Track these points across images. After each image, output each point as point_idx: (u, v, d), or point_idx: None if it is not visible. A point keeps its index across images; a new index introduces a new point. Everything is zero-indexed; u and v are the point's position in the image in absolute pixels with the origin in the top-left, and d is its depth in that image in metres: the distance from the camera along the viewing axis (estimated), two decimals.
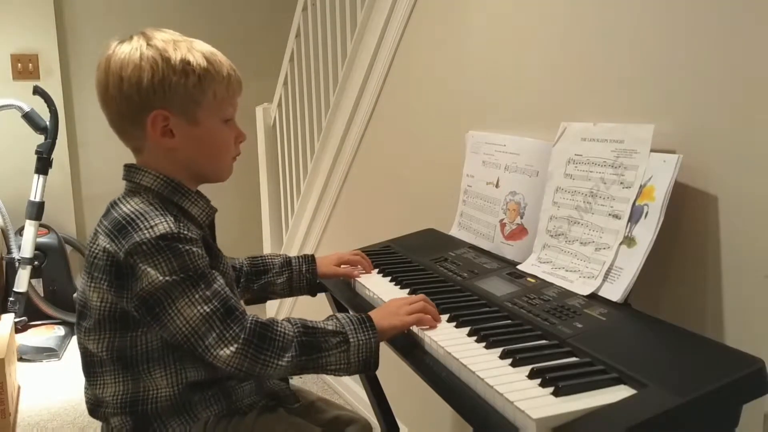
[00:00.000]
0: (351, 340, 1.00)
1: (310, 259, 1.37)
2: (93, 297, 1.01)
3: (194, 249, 0.98)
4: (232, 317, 0.96)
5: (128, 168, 1.07)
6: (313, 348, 0.99)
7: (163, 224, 0.97)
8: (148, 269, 0.95)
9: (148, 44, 1.02)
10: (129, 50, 1.01)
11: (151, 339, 1.01)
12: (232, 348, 0.95)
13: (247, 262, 1.35)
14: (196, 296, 0.95)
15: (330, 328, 1.01)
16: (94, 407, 1.07)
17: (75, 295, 1.06)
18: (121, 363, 1.02)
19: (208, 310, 0.95)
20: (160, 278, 0.94)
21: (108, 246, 0.98)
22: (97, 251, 1.00)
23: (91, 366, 1.05)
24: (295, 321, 1.02)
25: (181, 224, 0.99)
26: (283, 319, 1.03)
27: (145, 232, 0.96)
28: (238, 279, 1.32)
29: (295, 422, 1.14)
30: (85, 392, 1.08)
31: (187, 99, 1.02)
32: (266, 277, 1.34)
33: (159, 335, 1.00)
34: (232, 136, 1.10)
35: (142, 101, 1.01)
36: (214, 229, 1.14)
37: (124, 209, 1.00)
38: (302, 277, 1.35)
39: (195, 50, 1.03)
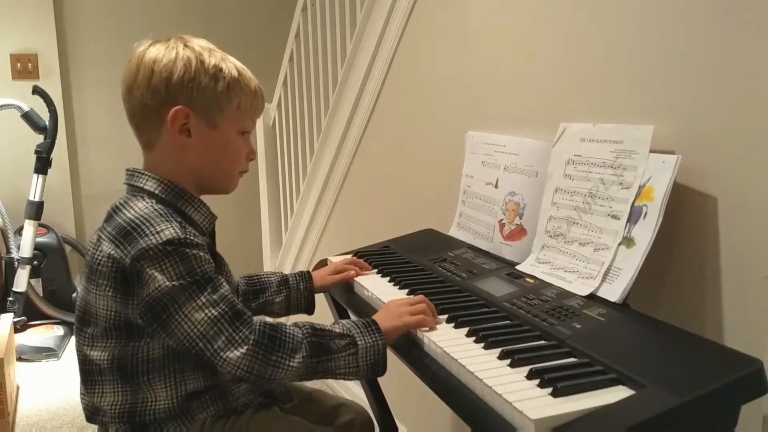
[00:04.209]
0: (359, 342, 1.00)
1: (306, 276, 1.36)
2: (98, 305, 1.00)
3: (201, 254, 0.98)
4: (241, 320, 0.96)
5: (131, 173, 1.07)
6: (323, 349, 0.99)
7: (169, 229, 0.96)
8: (155, 273, 0.94)
9: (185, 46, 1.05)
10: (165, 49, 1.04)
11: (153, 349, 1.00)
12: (242, 350, 0.94)
13: (244, 281, 1.34)
14: (204, 300, 0.95)
15: (338, 330, 1.02)
16: (92, 414, 1.06)
17: (74, 295, 1.04)
18: (120, 373, 1.01)
19: (216, 313, 0.95)
20: (167, 283, 0.94)
21: (113, 252, 0.97)
22: (100, 257, 0.99)
23: (89, 374, 1.04)
24: (303, 323, 1.02)
25: (187, 230, 0.99)
26: (290, 324, 1.03)
27: (152, 237, 0.95)
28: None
29: (290, 419, 1.14)
30: (82, 398, 1.08)
31: (213, 103, 1.05)
32: (264, 296, 1.33)
33: (161, 345, 1.00)
34: (245, 150, 1.12)
35: (169, 95, 1.02)
36: (214, 237, 1.15)
37: (129, 214, 0.99)
38: (300, 295, 1.34)
39: (228, 61, 1.08)
